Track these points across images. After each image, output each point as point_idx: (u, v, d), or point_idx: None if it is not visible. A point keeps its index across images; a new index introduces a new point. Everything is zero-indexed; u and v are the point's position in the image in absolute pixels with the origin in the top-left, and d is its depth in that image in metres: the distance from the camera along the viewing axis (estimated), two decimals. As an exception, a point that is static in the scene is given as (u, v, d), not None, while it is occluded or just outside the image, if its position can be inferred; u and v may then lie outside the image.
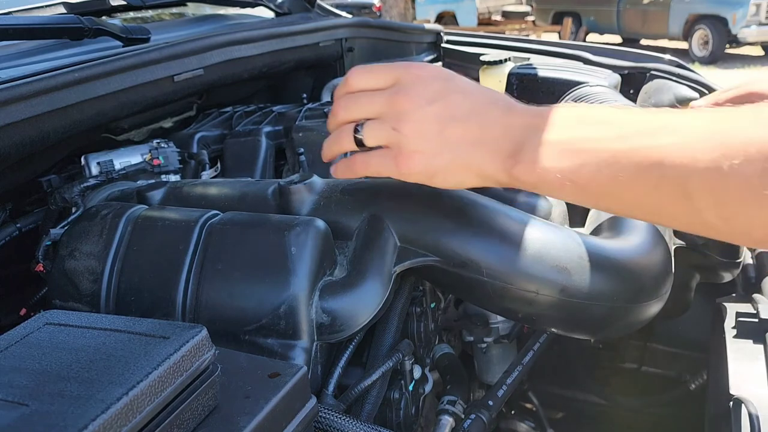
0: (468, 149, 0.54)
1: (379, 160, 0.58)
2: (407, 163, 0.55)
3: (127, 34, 1.01)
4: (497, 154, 0.53)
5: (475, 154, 0.54)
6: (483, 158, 0.53)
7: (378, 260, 0.66)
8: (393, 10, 9.95)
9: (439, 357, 0.92)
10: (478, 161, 0.54)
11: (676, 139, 0.44)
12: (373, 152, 0.58)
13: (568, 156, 0.48)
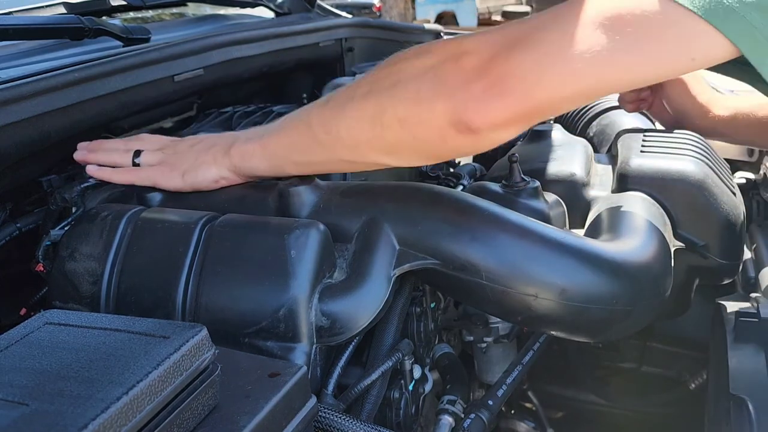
0: (204, 151, 0.77)
1: (148, 169, 0.80)
2: (170, 162, 0.78)
3: (127, 34, 1.01)
4: (221, 147, 0.75)
5: (208, 153, 0.76)
6: (214, 152, 0.76)
7: (377, 263, 0.66)
8: (393, 10, 9.96)
9: (439, 357, 0.92)
10: (211, 154, 0.76)
11: None
12: (142, 166, 0.80)
13: (260, 133, 0.73)
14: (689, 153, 0.84)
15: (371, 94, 0.63)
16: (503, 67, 0.56)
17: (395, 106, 0.61)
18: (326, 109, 0.67)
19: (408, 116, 0.60)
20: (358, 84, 0.66)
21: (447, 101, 0.58)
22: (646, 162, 0.83)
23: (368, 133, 0.63)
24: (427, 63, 0.61)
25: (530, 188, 0.78)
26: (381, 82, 0.63)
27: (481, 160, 1.44)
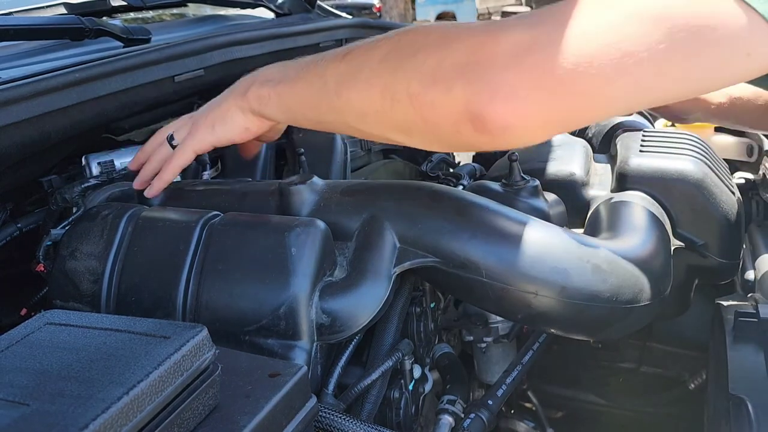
0: (224, 99, 0.74)
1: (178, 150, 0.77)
2: (197, 122, 0.76)
3: (127, 35, 1.01)
4: (239, 91, 0.72)
5: (227, 100, 0.74)
6: (234, 96, 0.73)
7: (378, 261, 0.66)
8: (393, 10, 9.96)
9: (439, 356, 0.92)
10: (232, 99, 0.73)
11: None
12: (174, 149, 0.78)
13: (277, 78, 0.69)
14: (688, 153, 0.84)
15: (388, 59, 0.57)
16: (539, 57, 0.49)
17: (409, 78, 0.54)
18: (342, 65, 0.61)
19: (420, 94, 0.54)
20: (379, 43, 0.60)
21: (468, 85, 0.51)
22: (645, 161, 0.84)
23: (377, 105, 0.57)
24: (458, 36, 0.54)
25: (530, 187, 0.78)
26: (402, 48, 0.57)
27: (481, 160, 1.44)
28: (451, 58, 0.52)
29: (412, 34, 0.58)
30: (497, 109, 0.50)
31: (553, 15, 0.51)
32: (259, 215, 0.70)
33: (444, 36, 0.55)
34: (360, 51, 0.61)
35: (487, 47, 0.51)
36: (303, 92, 0.66)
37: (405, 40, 0.58)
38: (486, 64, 0.51)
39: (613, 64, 0.47)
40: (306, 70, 0.67)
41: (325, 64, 0.64)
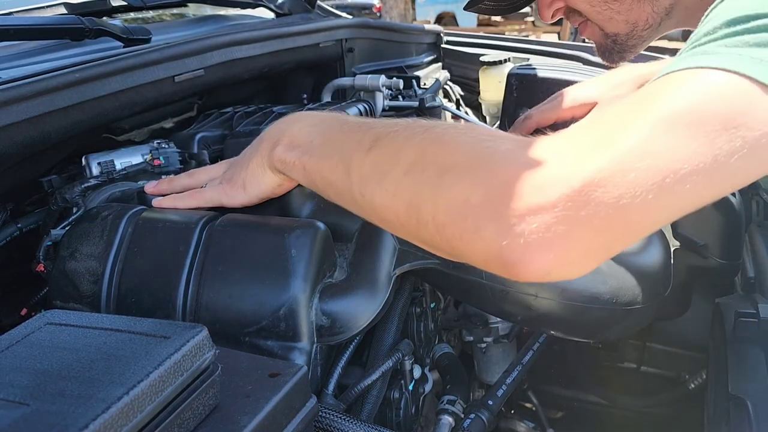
0: (252, 154, 0.72)
1: (211, 189, 0.76)
2: (229, 181, 0.74)
3: (128, 35, 1.01)
4: (266, 147, 0.69)
5: (255, 155, 0.71)
6: (260, 153, 0.70)
7: (378, 263, 0.66)
8: (393, 10, 9.95)
9: (439, 357, 0.92)
10: (258, 157, 0.70)
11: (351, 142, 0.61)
12: (206, 188, 0.77)
13: (303, 147, 0.65)
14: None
15: (413, 172, 0.52)
16: (578, 198, 0.44)
17: (436, 205, 0.50)
18: (366, 162, 0.57)
19: (447, 225, 0.49)
20: (404, 145, 0.55)
21: (499, 230, 0.46)
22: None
23: (402, 219, 0.54)
24: (487, 160, 0.49)
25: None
26: (428, 163, 0.52)
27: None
28: (479, 190, 0.48)
29: (439, 145, 0.53)
30: (533, 258, 0.45)
31: (585, 140, 0.48)
32: (259, 216, 0.70)
33: (472, 156, 0.50)
34: (385, 151, 0.56)
35: (519, 184, 0.46)
36: (327, 175, 0.62)
37: (431, 153, 0.52)
38: (519, 205, 0.46)
39: (655, 190, 0.44)
40: (331, 145, 0.63)
41: (350, 151, 0.59)
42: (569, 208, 0.44)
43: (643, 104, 0.47)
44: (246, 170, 0.72)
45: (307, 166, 0.64)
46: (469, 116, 1.63)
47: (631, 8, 0.72)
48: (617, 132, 0.46)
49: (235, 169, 0.74)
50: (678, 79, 0.48)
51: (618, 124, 0.47)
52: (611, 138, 0.46)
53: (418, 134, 0.55)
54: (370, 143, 0.58)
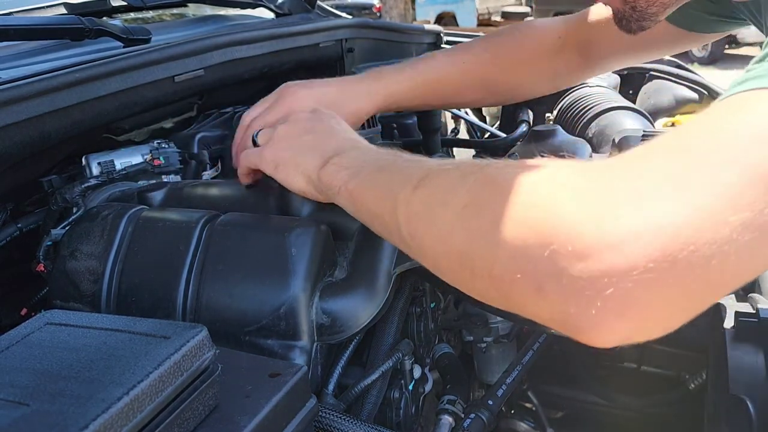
0: (304, 151, 0.68)
1: (252, 152, 0.73)
2: (265, 152, 0.71)
3: (127, 35, 1.01)
4: (317, 158, 0.65)
5: (305, 155, 0.67)
6: (308, 159, 0.66)
7: (378, 262, 0.66)
8: (393, 10, 9.96)
9: (439, 357, 0.92)
10: (304, 161, 0.67)
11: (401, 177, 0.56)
12: (257, 148, 0.74)
13: (352, 170, 0.61)
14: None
15: (467, 216, 0.46)
16: (657, 254, 0.37)
17: (492, 257, 0.44)
18: (414, 200, 0.52)
19: (503, 280, 0.43)
20: (456, 184, 0.49)
21: (565, 294, 0.40)
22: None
23: (455, 268, 0.49)
24: (548, 209, 0.42)
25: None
26: (481, 207, 0.46)
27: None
28: (538, 245, 0.40)
29: (494, 186, 0.46)
30: (608, 327, 0.39)
31: (657, 180, 0.39)
32: (259, 215, 0.70)
33: (530, 203, 0.43)
34: (435, 189, 0.51)
35: (588, 239, 0.39)
36: (373, 207, 0.58)
37: (486, 196, 0.46)
38: (590, 265, 0.38)
39: (753, 245, 0.37)
40: (380, 174, 0.59)
41: (399, 185, 0.54)
42: (652, 270, 0.37)
43: (720, 137, 0.40)
44: (287, 156, 0.68)
45: (354, 193, 0.60)
46: (469, 116, 1.63)
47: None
48: (697, 173, 0.38)
49: (281, 142, 0.70)
50: (756, 100, 0.41)
51: (695, 163, 0.39)
52: (691, 180, 0.38)
53: (471, 174, 0.49)
54: (419, 179, 0.53)
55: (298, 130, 0.71)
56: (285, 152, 0.69)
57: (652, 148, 0.42)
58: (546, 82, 1.08)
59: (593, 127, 1.18)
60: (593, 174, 0.42)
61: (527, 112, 1.37)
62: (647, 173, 0.40)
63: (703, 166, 0.39)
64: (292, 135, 0.71)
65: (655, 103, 1.53)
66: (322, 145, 0.67)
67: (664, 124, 1.54)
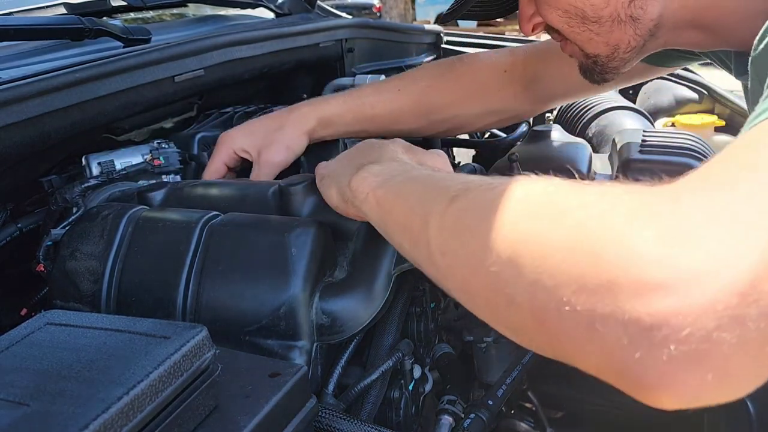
0: (344, 164, 0.67)
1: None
2: (320, 167, 0.72)
3: (127, 35, 1.01)
4: (353, 167, 0.64)
5: (344, 167, 0.66)
6: (345, 170, 0.65)
7: (378, 262, 0.66)
8: (393, 10, 9.96)
9: (439, 357, 0.92)
10: (341, 172, 0.65)
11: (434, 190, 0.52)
12: None
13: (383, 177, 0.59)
14: (688, 152, 0.84)
15: (509, 235, 0.41)
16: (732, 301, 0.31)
17: (537, 284, 0.37)
18: (451, 212, 0.47)
19: (545, 316, 0.37)
20: (503, 197, 0.43)
21: (631, 339, 0.33)
22: (645, 162, 0.84)
23: (487, 291, 0.42)
24: (601, 249, 0.35)
25: (530, 188, 0.78)
26: (530, 221, 0.40)
27: (481, 160, 1.44)
28: (594, 272, 0.34)
29: (539, 204, 0.41)
30: (681, 381, 0.32)
31: (730, 210, 0.33)
32: (259, 216, 0.70)
33: (584, 224, 0.37)
34: (474, 204, 0.46)
35: (655, 268, 0.32)
36: (400, 217, 0.54)
37: (531, 214, 0.41)
38: (661, 302, 0.32)
39: None
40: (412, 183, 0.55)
41: (433, 198, 0.50)
42: (735, 307, 0.31)
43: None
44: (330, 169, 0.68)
45: (381, 201, 0.57)
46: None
47: (612, 30, 0.68)
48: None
49: (332, 164, 0.70)
50: None
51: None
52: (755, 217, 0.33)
53: (515, 190, 0.44)
54: (458, 191, 0.48)
55: (351, 152, 0.71)
56: (331, 165, 0.70)
57: (729, 168, 0.36)
58: (489, 116, 1.07)
59: (593, 127, 1.18)
60: (662, 196, 0.36)
61: None
62: (728, 195, 0.34)
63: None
64: (346, 155, 0.71)
65: (655, 103, 1.54)
66: (361, 157, 0.66)
67: (664, 124, 1.54)
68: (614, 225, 0.35)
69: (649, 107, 1.52)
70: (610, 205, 0.37)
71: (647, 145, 0.87)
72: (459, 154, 1.65)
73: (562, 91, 1.02)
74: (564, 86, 1.00)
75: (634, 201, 0.37)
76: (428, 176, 0.56)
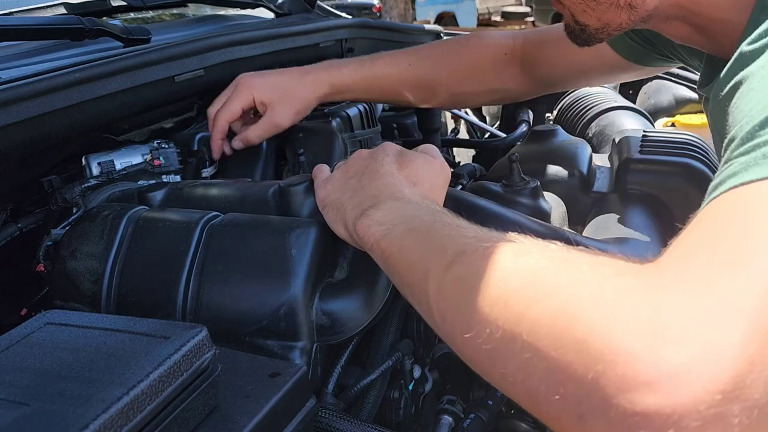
0: (347, 197, 0.65)
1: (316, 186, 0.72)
2: (318, 191, 0.70)
3: (127, 35, 1.01)
4: (355, 208, 0.63)
5: (346, 203, 0.65)
6: (347, 208, 0.64)
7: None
8: (393, 10, 9.97)
9: (439, 357, 0.92)
10: (343, 209, 0.64)
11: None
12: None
13: (385, 227, 0.58)
14: (689, 153, 0.84)
15: (502, 313, 0.40)
16: None
17: (527, 368, 0.38)
18: (448, 280, 0.47)
19: (541, 399, 0.38)
20: (497, 268, 0.43)
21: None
22: (645, 162, 0.84)
23: (485, 364, 0.43)
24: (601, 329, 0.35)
25: (530, 188, 0.78)
26: (521, 300, 0.40)
27: (481, 160, 1.44)
28: (580, 363, 0.35)
29: (530, 283, 0.41)
30: None
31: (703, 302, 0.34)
32: (259, 216, 0.70)
33: (571, 312, 0.37)
34: (470, 272, 0.45)
35: (639, 362, 0.33)
36: (403, 273, 0.54)
37: (523, 292, 0.40)
38: (644, 399, 0.32)
39: None
40: (412, 235, 0.55)
41: (431, 260, 0.50)
42: (718, 405, 0.31)
43: (744, 246, 0.35)
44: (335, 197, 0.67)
45: (386, 254, 0.57)
46: (469, 116, 1.64)
47: (607, 11, 0.68)
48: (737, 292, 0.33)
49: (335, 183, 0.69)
50: None
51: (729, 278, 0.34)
52: (736, 302, 0.33)
53: (510, 260, 0.44)
54: (455, 254, 0.48)
55: (348, 173, 0.69)
56: (332, 195, 0.68)
57: (706, 256, 0.36)
58: (489, 94, 1.14)
59: (593, 127, 1.18)
60: (647, 285, 0.36)
61: (527, 112, 1.37)
62: (708, 290, 0.34)
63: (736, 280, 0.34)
64: (343, 177, 0.69)
65: (655, 103, 1.54)
66: (362, 193, 0.65)
67: (664, 124, 1.54)
68: (600, 315, 0.35)
69: (649, 107, 1.52)
70: (599, 288, 0.37)
71: (647, 145, 0.87)
72: (459, 154, 1.65)
73: (559, 76, 1.07)
74: (560, 71, 1.05)
75: (620, 287, 0.37)
76: (429, 228, 0.55)
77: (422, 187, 0.66)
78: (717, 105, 0.56)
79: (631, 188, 0.83)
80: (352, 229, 0.62)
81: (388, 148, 0.71)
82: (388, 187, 0.64)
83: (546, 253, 0.43)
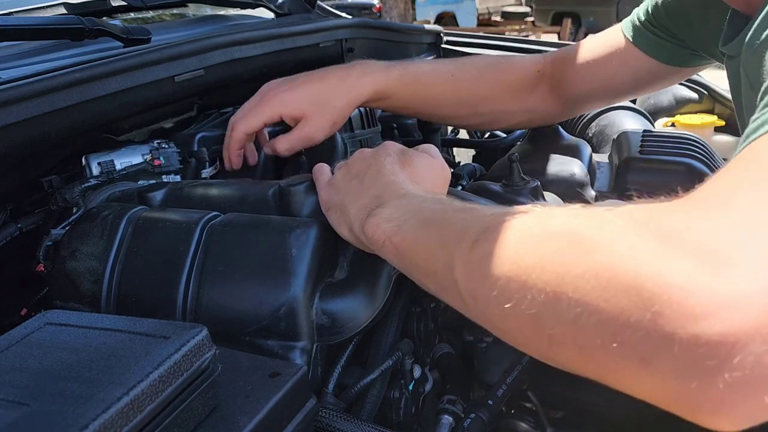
0: (350, 198, 0.64)
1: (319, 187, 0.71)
2: (321, 192, 0.69)
3: (127, 35, 1.01)
4: (360, 209, 0.62)
5: (350, 205, 0.63)
6: (351, 210, 0.63)
7: (378, 262, 0.66)
8: (393, 10, 9.96)
9: (439, 356, 0.92)
10: (348, 212, 0.63)
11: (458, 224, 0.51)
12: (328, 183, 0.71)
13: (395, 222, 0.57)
14: (689, 153, 0.84)
15: (540, 276, 0.40)
16: None
17: (578, 323, 0.37)
18: (475, 257, 0.46)
19: (599, 352, 0.36)
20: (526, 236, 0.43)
21: (685, 370, 0.33)
22: (645, 161, 0.84)
23: (527, 333, 0.42)
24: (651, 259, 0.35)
25: (530, 188, 0.78)
26: (559, 259, 0.39)
27: (481, 160, 1.44)
28: (635, 306, 0.34)
29: (565, 239, 0.40)
30: (740, 406, 0.32)
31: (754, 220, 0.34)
32: (259, 216, 0.70)
33: (616, 256, 0.36)
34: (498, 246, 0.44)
35: (696, 293, 0.32)
36: (422, 264, 0.54)
37: (560, 251, 0.39)
38: (711, 328, 0.31)
39: None
40: (426, 226, 0.54)
41: (453, 243, 0.49)
42: None
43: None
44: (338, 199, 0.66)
45: (399, 248, 0.56)
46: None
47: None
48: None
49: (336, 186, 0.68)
50: None
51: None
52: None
53: (538, 226, 0.43)
54: (478, 233, 0.47)
55: (350, 174, 0.68)
56: (335, 196, 0.67)
57: (741, 186, 0.36)
58: (522, 115, 1.07)
59: (593, 127, 1.18)
60: (686, 219, 0.36)
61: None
62: (748, 216, 0.34)
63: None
64: (345, 178, 0.68)
65: (655, 102, 1.54)
66: (366, 194, 0.64)
67: (664, 124, 1.55)
68: (645, 258, 0.35)
69: (649, 107, 1.52)
70: (639, 236, 0.36)
71: (647, 145, 0.87)
72: (459, 154, 1.65)
73: (585, 93, 1.01)
74: (586, 87, 1.00)
75: (660, 228, 0.36)
76: (442, 216, 0.54)
77: (424, 186, 0.66)
78: (752, 54, 0.53)
79: (630, 188, 0.83)
80: (359, 230, 0.61)
81: (390, 147, 0.70)
82: (392, 185, 0.63)
83: (572, 212, 0.42)
